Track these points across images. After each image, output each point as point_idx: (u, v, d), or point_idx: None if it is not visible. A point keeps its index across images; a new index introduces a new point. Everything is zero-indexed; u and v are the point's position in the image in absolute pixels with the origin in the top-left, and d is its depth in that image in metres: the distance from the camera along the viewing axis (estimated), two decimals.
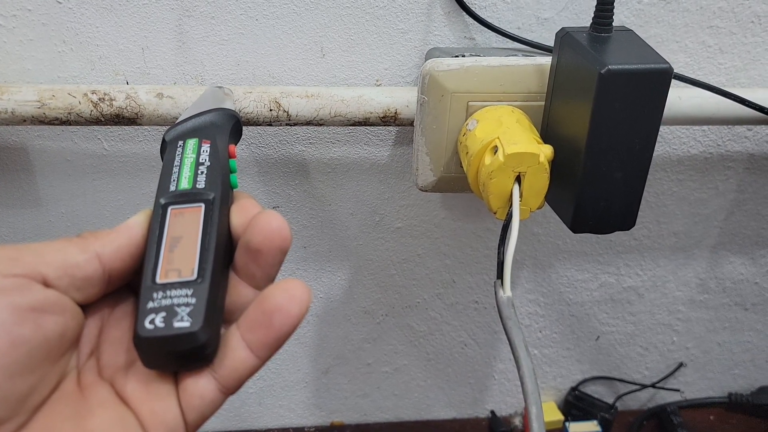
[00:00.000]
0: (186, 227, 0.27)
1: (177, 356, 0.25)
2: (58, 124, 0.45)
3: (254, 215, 0.27)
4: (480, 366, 0.66)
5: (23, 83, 0.47)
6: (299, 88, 0.46)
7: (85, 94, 0.44)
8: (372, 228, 0.57)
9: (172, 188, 0.29)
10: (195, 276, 0.26)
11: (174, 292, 0.25)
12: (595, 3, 0.39)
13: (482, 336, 0.64)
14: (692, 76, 0.49)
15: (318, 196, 0.55)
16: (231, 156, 0.32)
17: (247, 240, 0.27)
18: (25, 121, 0.45)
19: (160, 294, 0.25)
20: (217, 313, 0.26)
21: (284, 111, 0.46)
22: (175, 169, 0.30)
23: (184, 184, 0.29)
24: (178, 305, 0.25)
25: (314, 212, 0.55)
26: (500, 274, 0.38)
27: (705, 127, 0.55)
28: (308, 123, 0.46)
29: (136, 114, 0.45)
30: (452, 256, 0.59)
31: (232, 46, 0.47)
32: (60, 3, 0.45)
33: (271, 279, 0.28)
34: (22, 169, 0.51)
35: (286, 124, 0.46)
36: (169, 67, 0.48)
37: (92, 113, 0.45)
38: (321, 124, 0.47)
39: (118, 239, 0.27)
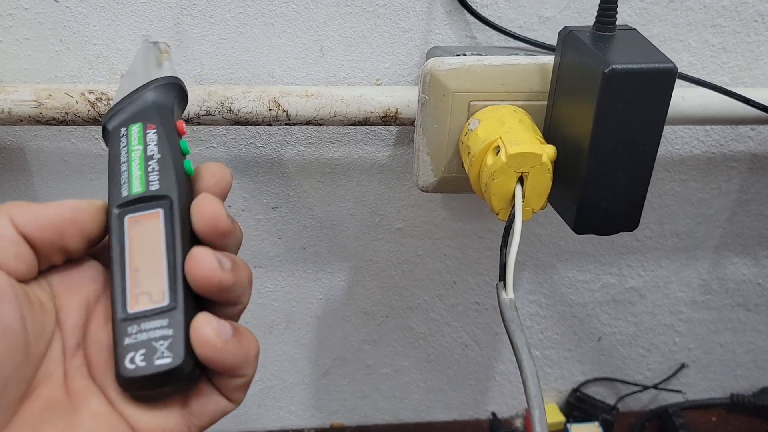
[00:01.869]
0: (147, 238, 0.26)
1: (164, 390, 0.24)
2: (55, 124, 0.45)
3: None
4: (481, 367, 0.65)
5: (20, 83, 0.46)
6: (299, 87, 0.46)
7: (83, 94, 0.44)
8: (372, 229, 0.56)
9: (125, 193, 0.27)
10: (167, 301, 0.25)
11: (149, 325, 0.25)
12: (597, 2, 0.38)
13: (483, 337, 0.63)
14: (695, 75, 0.49)
15: (317, 197, 0.54)
16: (180, 134, 0.29)
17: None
18: (21, 121, 0.44)
19: (135, 328, 0.25)
20: None
21: (283, 111, 0.45)
22: (124, 168, 0.28)
23: (137, 187, 0.27)
24: (156, 339, 0.24)
25: (314, 213, 0.55)
26: (502, 276, 0.38)
27: (708, 127, 0.54)
28: (308, 123, 0.46)
29: None
30: (453, 257, 0.58)
31: (230, 45, 0.47)
32: (57, 2, 0.45)
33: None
34: (19, 170, 0.51)
35: (286, 124, 0.46)
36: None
37: (89, 113, 0.44)
38: (321, 124, 0.46)
39: (35, 209, 0.25)
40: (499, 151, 0.39)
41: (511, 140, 0.39)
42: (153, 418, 0.25)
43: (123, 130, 0.29)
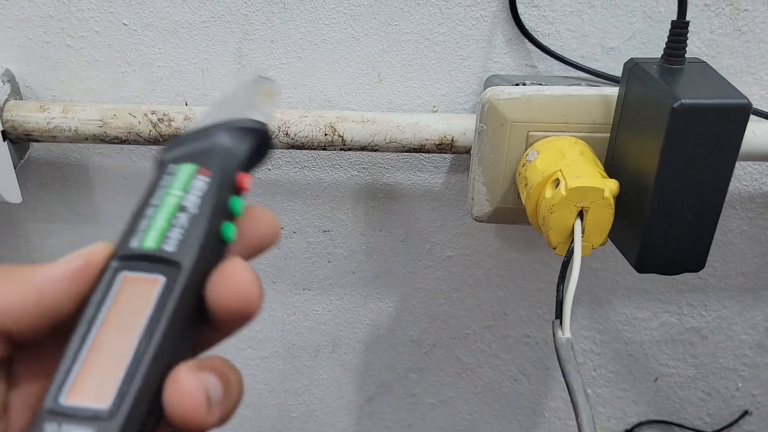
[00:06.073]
0: (132, 309, 0.21)
1: None
2: (117, 143, 0.46)
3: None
4: (530, 402, 0.63)
5: (87, 102, 0.48)
6: (355, 113, 0.46)
7: (145, 114, 0.45)
8: (422, 256, 0.55)
9: (134, 244, 0.22)
10: (108, 405, 0.19)
11: (70, 430, 0.19)
12: (663, 33, 0.37)
13: (533, 372, 0.61)
14: (767, 109, 0.47)
15: (369, 222, 0.54)
16: (240, 189, 0.24)
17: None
18: (87, 139, 0.46)
19: (53, 430, 0.19)
20: None
21: (339, 136, 0.45)
22: (149, 212, 0.22)
23: (150, 241, 0.22)
24: None
25: (364, 237, 0.55)
26: (559, 314, 0.37)
27: None
28: (363, 148, 0.46)
29: None
30: (505, 287, 0.57)
31: (290, 70, 0.47)
32: (126, 25, 0.46)
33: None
34: (82, 186, 0.52)
35: (341, 149, 0.46)
36: (228, 89, 0.48)
37: (151, 133, 0.45)
38: (375, 150, 0.46)
39: (25, 294, 0.20)
40: (558, 184, 0.38)
41: (571, 173, 0.38)
42: None
43: (171, 167, 0.23)
